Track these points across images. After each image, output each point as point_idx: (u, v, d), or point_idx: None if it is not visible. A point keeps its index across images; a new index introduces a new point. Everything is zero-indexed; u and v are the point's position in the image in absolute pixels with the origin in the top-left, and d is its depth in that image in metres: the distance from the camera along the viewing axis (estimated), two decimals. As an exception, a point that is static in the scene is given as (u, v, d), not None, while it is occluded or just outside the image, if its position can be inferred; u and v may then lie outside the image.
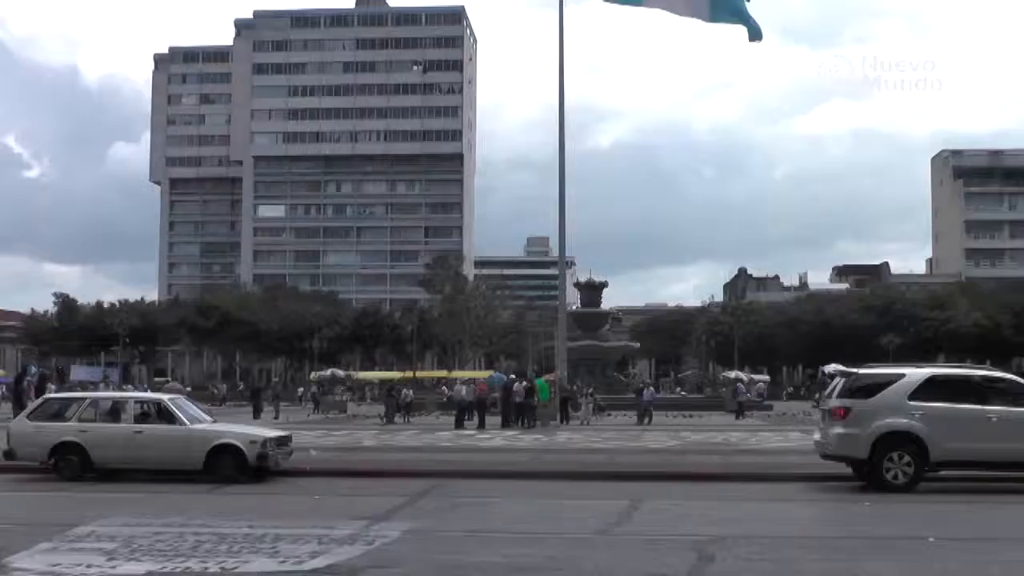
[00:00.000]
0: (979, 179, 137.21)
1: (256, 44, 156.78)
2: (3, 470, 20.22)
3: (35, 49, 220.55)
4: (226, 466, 19.19)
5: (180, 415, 20.36)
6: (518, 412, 38.90)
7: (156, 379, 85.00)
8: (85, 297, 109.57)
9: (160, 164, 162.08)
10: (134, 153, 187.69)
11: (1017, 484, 18.26)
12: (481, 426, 37.91)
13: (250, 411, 48.43)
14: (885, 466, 17.61)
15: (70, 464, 19.48)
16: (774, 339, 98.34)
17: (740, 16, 28.54)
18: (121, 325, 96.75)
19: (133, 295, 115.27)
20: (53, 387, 50.13)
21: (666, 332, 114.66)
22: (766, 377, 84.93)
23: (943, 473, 18.17)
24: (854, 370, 20.47)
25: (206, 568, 10.74)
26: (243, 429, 21.82)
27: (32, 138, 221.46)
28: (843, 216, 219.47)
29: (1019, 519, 15.13)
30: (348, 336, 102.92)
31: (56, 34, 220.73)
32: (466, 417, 39.92)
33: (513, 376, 50.96)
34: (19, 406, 29.40)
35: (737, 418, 46.65)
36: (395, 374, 77.94)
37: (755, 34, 28.26)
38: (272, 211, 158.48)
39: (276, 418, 45.71)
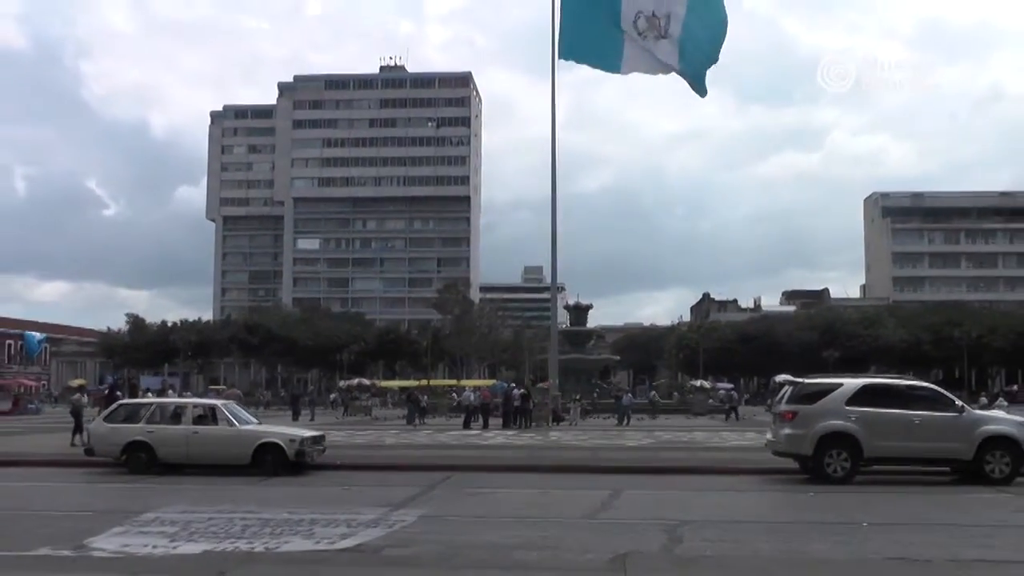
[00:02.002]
0: (903, 217, 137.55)
1: (295, 103, 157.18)
2: (84, 465, 20.32)
3: (112, 106, 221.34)
4: (269, 461, 19.20)
5: (231, 417, 20.41)
6: (516, 415, 38.89)
7: (211, 387, 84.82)
8: (152, 317, 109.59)
9: (215, 204, 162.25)
10: (194, 194, 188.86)
11: (937, 477, 18.28)
12: (485, 427, 37.88)
13: (290, 414, 48.35)
14: (826, 461, 17.63)
15: (139, 460, 19.54)
16: (733, 353, 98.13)
17: (694, 76, 28.61)
18: (182, 341, 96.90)
19: (192, 315, 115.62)
20: (152, 393, 50.05)
21: (642, 347, 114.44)
22: (729, 385, 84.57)
23: (875, 467, 18.20)
24: (800, 380, 20.52)
25: (252, 548, 10.77)
26: (284, 429, 21.83)
27: (110, 182, 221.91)
28: (791, 248, 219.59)
29: (939, 507, 15.09)
30: (372, 350, 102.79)
31: (130, 94, 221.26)
32: (472, 419, 39.89)
33: (512, 384, 50.95)
34: None
35: (727, 419, 46.33)
36: (412, 383, 77.60)
37: (701, 91, 28.36)
38: (309, 244, 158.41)
39: (312, 420, 45.61)
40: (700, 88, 28.50)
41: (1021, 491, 16.43)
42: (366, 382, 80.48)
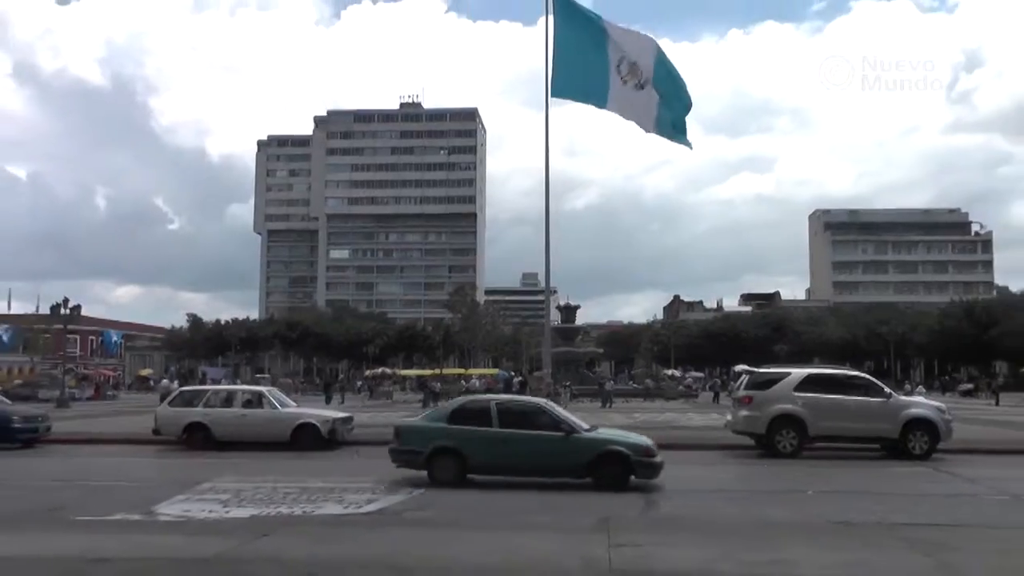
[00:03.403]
0: (842, 231, 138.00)
1: (328, 134, 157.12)
2: (152, 442, 20.28)
3: (176, 136, 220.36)
4: (306, 439, 19.21)
5: (274, 402, 20.43)
6: (515, 399, 38.77)
7: (257, 375, 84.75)
8: (208, 316, 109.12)
9: (261, 219, 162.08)
10: (243, 211, 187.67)
11: (869, 452, 18.31)
12: (489, 409, 37.76)
13: (323, 398, 48.22)
14: (777, 439, 17.69)
15: (197, 438, 19.52)
16: (699, 347, 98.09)
17: (674, 131, 28.33)
18: (233, 336, 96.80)
19: (241, 315, 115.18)
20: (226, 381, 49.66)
21: (622, 341, 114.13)
22: (700, 374, 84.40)
23: (818, 444, 18.22)
24: (756, 369, 20.58)
25: (292, 512, 10.81)
26: (318, 412, 21.88)
27: (174, 200, 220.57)
28: (748, 257, 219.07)
29: (870, 478, 15.14)
30: (393, 344, 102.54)
31: (190, 125, 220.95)
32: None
33: (512, 373, 50.98)
34: None
35: (714, 401, 45.76)
36: (427, 372, 77.47)
37: (684, 143, 28.09)
38: (340, 254, 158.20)
39: (342, 403, 45.50)
40: (683, 139, 28.10)
41: (938, 465, 16.48)
42: (388, 371, 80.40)
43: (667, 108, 28.67)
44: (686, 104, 28.36)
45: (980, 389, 61.53)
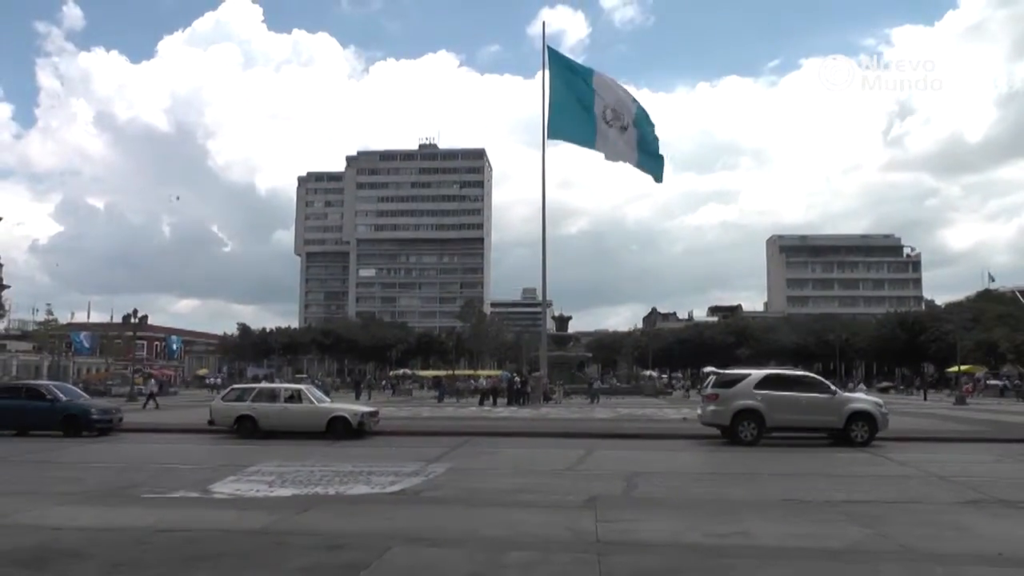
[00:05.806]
0: (794, 253, 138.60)
1: (358, 170, 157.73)
2: (208, 432, 20.27)
3: (229, 172, 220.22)
4: (339, 429, 19.21)
5: (311, 397, 20.42)
6: (517, 395, 38.82)
7: (296, 375, 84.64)
8: (255, 325, 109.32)
9: (301, 243, 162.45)
10: (285, 236, 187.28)
11: (817, 441, 18.27)
12: (494, 404, 37.79)
13: (353, 395, 48.20)
14: (739, 430, 17.65)
15: (246, 428, 19.52)
16: (672, 351, 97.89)
17: (652, 166, 28.66)
18: (276, 342, 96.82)
19: (283, 324, 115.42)
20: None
21: (607, 347, 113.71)
22: (679, 375, 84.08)
23: (775, 434, 18.19)
24: (721, 371, 20.57)
25: (327, 491, 10.82)
26: (349, 406, 21.87)
27: (227, 226, 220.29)
28: (715, 275, 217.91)
29: (818, 462, 15.07)
30: (413, 349, 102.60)
31: (241, 163, 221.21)
32: (485, 398, 39.80)
33: (514, 374, 50.79)
34: None
35: (686, 396, 45.47)
36: (442, 372, 77.32)
37: (658, 178, 28.45)
38: (368, 272, 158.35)
39: (369, 399, 45.48)
40: (658, 175, 28.52)
41: (876, 451, 16.46)
42: (408, 372, 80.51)
43: (645, 148, 29.05)
44: (655, 150, 28.75)
45: (896, 387, 62.17)
